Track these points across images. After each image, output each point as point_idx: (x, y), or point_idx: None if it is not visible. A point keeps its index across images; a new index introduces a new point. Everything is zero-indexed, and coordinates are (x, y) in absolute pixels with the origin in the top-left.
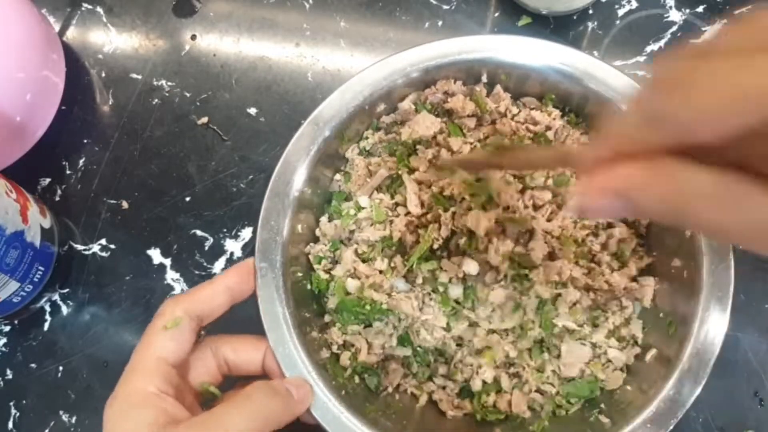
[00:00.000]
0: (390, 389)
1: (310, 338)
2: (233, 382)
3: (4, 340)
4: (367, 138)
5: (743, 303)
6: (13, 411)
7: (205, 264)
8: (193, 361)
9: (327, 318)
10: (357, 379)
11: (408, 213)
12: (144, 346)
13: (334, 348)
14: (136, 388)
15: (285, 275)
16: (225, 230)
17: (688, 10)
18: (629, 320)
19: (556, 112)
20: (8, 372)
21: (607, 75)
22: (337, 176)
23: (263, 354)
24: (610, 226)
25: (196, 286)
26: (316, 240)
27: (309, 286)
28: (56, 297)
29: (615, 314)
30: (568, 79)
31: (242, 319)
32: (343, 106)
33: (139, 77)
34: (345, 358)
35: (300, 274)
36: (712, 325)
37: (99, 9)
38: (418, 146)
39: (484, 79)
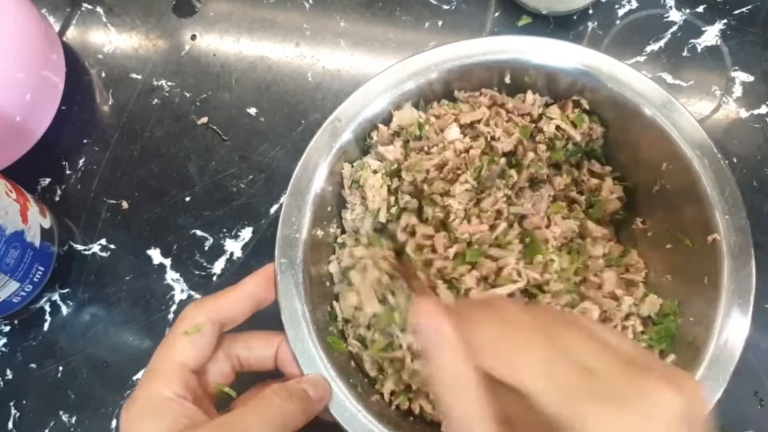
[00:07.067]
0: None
1: (329, 335)
2: (245, 383)
3: (4, 340)
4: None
5: None
6: (13, 411)
7: (205, 264)
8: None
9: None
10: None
11: None
12: (165, 350)
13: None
14: (155, 393)
15: (305, 272)
16: (225, 230)
17: (688, 10)
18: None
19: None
20: (8, 372)
21: (631, 78)
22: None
23: (276, 349)
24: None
25: (222, 290)
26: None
27: (327, 283)
28: (56, 297)
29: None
30: (593, 82)
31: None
32: (365, 104)
33: (139, 77)
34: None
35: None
36: (733, 331)
37: (99, 9)
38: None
39: (508, 80)
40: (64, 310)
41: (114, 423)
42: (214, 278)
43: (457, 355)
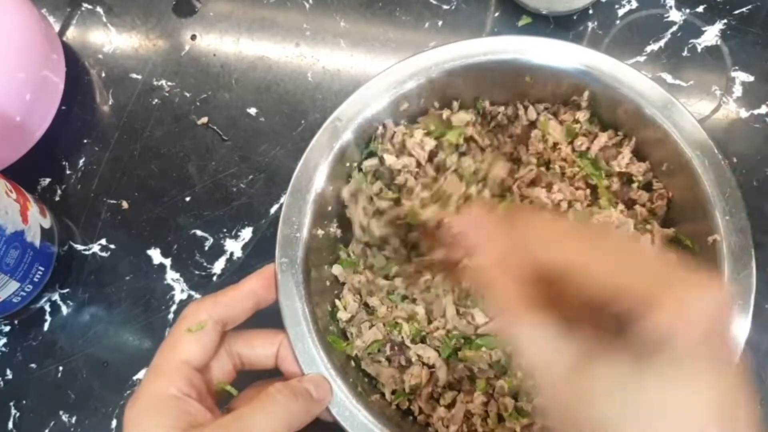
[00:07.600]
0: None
1: (329, 334)
2: (246, 379)
3: (4, 340)
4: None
5: None
6: (13, 411)
7: (205, 264)
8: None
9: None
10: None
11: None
12: (168, 348)
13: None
14: (159, 390)
15: (305, 271)
16: (225, 230)
17: (688, 10)
18: None
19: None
20: (8, 372)
21: (632, 78)
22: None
23: (277, 348)
24: None
25: (222, 290)
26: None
27: (328, 283)
28: (56, 297)
29: None
30: (593, 82)
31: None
32: (365, 104)
33: (139, 77)
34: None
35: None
36: (733, 332)
37: (99, 9)
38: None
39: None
40: (64, 310)
41: (114, 423)
42: (214, 278)
43: (501, 246)
